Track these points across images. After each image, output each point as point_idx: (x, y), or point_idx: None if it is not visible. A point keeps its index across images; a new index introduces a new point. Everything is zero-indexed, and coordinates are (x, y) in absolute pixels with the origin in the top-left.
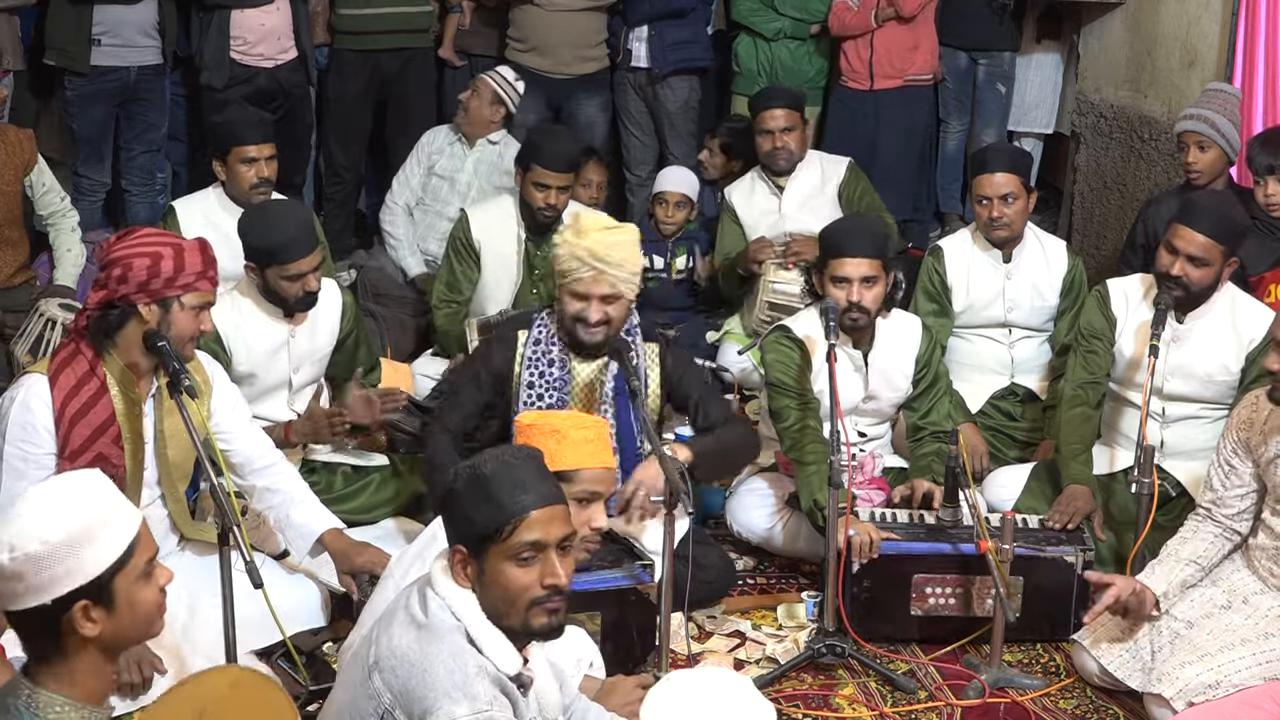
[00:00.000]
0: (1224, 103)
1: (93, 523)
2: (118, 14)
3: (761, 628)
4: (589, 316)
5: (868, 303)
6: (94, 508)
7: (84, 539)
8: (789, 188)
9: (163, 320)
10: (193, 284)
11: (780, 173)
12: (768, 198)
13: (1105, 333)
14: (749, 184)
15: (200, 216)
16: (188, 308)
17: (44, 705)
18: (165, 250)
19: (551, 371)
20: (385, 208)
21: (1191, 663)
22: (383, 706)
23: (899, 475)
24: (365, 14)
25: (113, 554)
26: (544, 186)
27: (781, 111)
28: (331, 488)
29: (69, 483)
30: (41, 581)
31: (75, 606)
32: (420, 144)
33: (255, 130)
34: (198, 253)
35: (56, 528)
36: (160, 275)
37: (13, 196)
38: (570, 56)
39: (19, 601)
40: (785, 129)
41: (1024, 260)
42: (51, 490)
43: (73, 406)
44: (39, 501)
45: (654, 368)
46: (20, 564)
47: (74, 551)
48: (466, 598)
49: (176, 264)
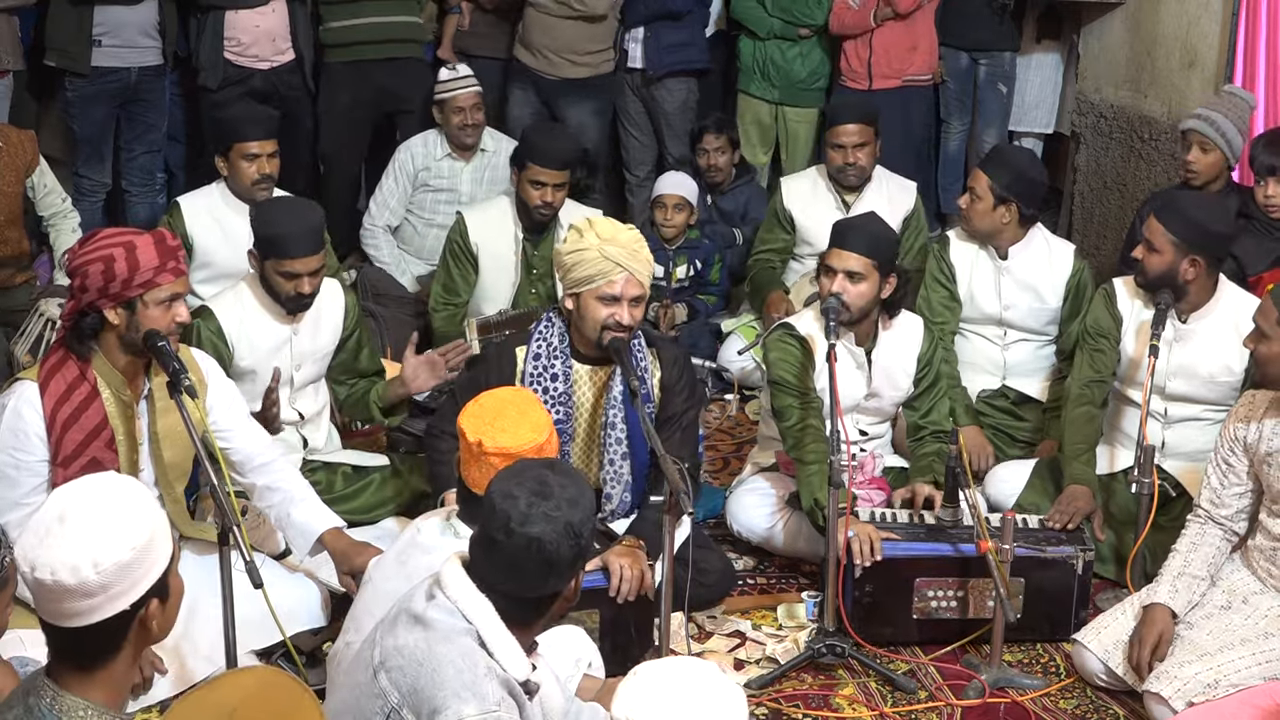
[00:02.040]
0: (1235, 108)
1: (155, 519)
2: (118, 15)
3: (761, 628)
4: (623, 320)
5: (848, 297)
6: (147, 506)
7: (156, 536)
8: (856, 207)
9: (130, 322)
10: (152, 280)
11: (850, 187)
12: (833, 211)
13: (1111, 331)
14: (810, 186)
15: (204, 212)
16: (153, 304)
17: (69, 710)
18: (117, 251)
19: (555, 386)
20: (365, 231)
21: (1191, 662)
22: (389, 706)
23: (899, 475)
24: (351, 25)
25: (169, 546)
26: (540, 184)
27: (855, 127)
28: (332, 488)
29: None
30: (124, 588)
31: (148, 607)
32: (397, 163)
33: (258, 126)
34: (152, 247)
35: (138, 531)
36: (116, 278)
37: (13, 198)
38: (560, 60)
39: (96, 614)
40: (858, 145)
41: (1021, 261)
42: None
43: (64, 412)
44: (101, 513)
45: (654, 373)
46: (109, 574)
47: (150, 550)
48: (480, 600)
49: (130, 264)
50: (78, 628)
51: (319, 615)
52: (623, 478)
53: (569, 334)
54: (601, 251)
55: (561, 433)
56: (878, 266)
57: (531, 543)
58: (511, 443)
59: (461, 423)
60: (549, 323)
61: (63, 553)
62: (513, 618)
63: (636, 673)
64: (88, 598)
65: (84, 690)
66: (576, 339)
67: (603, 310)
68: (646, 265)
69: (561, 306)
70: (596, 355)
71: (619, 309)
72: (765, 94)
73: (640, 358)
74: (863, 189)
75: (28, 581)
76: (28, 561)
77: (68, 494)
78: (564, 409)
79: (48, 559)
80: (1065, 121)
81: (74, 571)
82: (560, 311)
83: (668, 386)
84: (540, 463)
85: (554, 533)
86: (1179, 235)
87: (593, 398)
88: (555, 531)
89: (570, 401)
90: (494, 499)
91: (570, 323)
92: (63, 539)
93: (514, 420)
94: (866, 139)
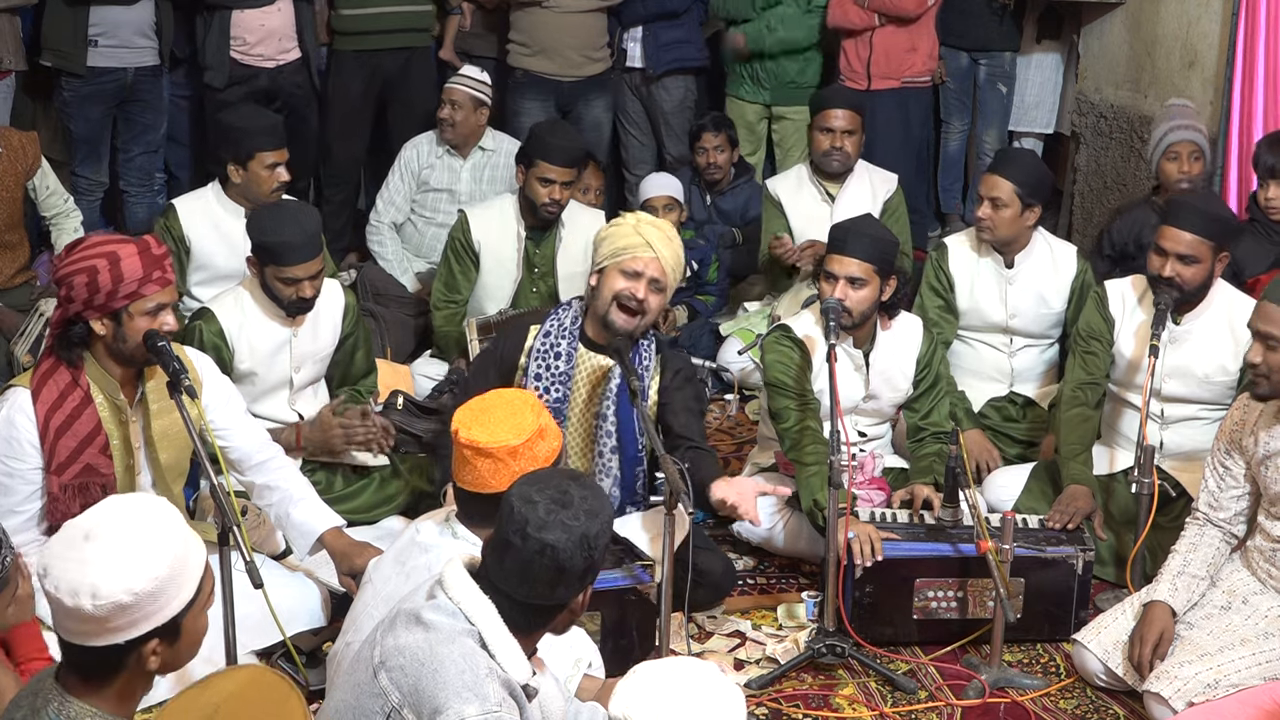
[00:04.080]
0: (1195, 116)
1: (175, 565)
2: (114, 15)
3: (761, 628)
4: (637, 294)
5: (850, 303)
6: (174, 549)
7: (168, 584)
8: (840, 198)
9: (117, 332)
10: (136, 291)
11: (831, 175)
12: (818, 204)
13: (1104, 334)
14: (795, 181)
15: (201, 215)
16: (138, 315)
17: (75, 717)
18: (100, 263)
19: (557, 365)
20: (371, 228)
21: (1191, 662)
22: (390, 705)
23: (899, 475)
24: (364, 14)
25: (189, 594)
26: (548, 181)
27: (844, 112)
28: (332, 488)
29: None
30: (121, 624)
31: (147, 645)
32: (402, 160)
33: (276, 135)
34: (136, 257)
35: (145, 576)
36: (100, 289)
37: (14, 202)
38: (578, 58)
39: (92, 639)
40: (846, 131)
41: (1027, 267)
42: (130, 529)
43: (56, 419)
44: (122, 544)
45: (655, 376)
46: (105, 610)
47: (157, 598)
48: (483, 602)
49: (114, 275)
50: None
51: (319, 615)
52: (611, 471)
53: (583, 319)
54: (637, 228)
55: (558, 413)
56: (878, 270)
57: (545, 549)
58: (483, 438)
59: (456, 411)
60: (567, 306)
61: (72, 574)
62: (515, 623)
63: (635, 672)
64: (82, 623)
65: (90, 698)
66: (589, 325)
67: (621, 281)
68: (675, 258)
69: (585, 287)
70: (605, 344)
71: (637, 285)
72: (756, 97)
73: (647, 361)
74: (845, 179)
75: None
76: (42, 565)
77: (106, 511)
78: (563, 388)
79: (58, 574)
80: (1065, 121)
81: (73, 596)
82: (581, 298)
83: (665, 388)
84: (564, 473)
85: (569, 542)
86: (1208, 235)
87: (590, 385)
88: (570, 541)
89: (569, 382)
90: (513, 502)
91: (588, 308)
92: (79, 559)
93: (498, 418)
94: (855, 127)
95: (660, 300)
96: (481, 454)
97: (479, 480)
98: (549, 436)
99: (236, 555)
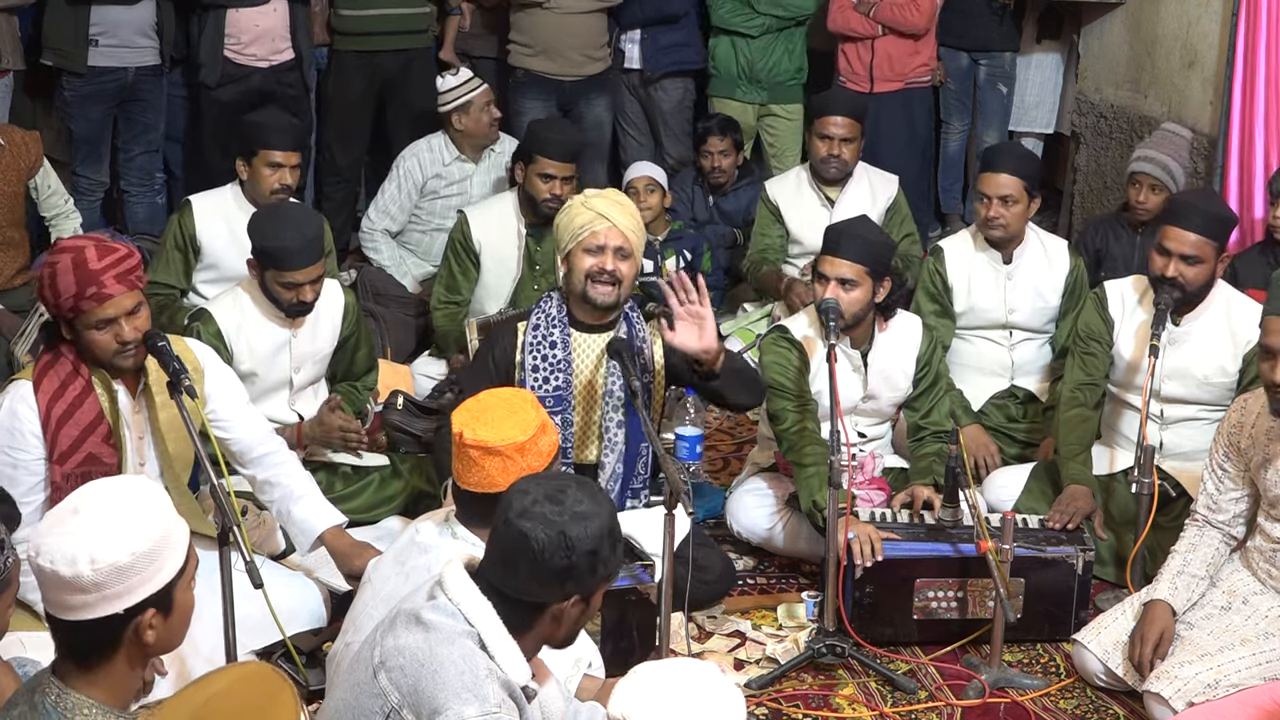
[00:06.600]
0: (1177, 147)
1: (167, 530)
2: (115, 14)
3: (761, 628)
4: (606, 266)
5: (842, 304)
6: (163, 516)
7: (163, 547)
8: (840, 202)
9: (79, 341)
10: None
11: (829, 181)
12: (817, 209)
13: (1103, 334)
14: (794, 184)
15: (216, 213)
16: (86, 329)
17: (73, 707)
18: (45, 272)
19: (554, 353)
20: (364, 234)
21: (1191, 662)
22: (389, 706)
23: (899, 475)
24: (365, 15)
25: (179, 561)
26: (549, 177)
27: (844, 119)
28: (332, 488)
29: (129, 491)
30: (119, 590)
31: (145, 614)
32: (401, 170)
33: (286, 136)
34: (70, 274)
35: (141, 537)
36: (49, 301)
37: (15, 198)
38: (579, 58)
39: (90, 611)
40: (844, 139)
41: (1024, 262)
42: (117, 499)
43: (58, 409)
44: (112, 512)
45: (655, 341)
46: (104, 574)
47: (153, 560)
48: (482, 603)
49: (53, 290)
50: (75, 622)
51: (319, 615)
52: (616, 446)
53: (567, 304)
54: (586, 204)
55: (561, 400)
56: (871, 272)
57: (520, 537)
58: (491, 437)
59: (453, 415)
60: (548, 298)
61: (66, 544)
62: (512, 623)
63: (635, 672)
64: (82, 593)
65: (88, 688)
66: (574, 308)
67: (588, 260)
68: (633, 219)
69: (558, 278)
70: (594, 323)
71: (603, 258)
72: (751, 97)
73: (638, 327)
74: (845, 183)
75: (33, 565)
76: (34, 545)
77: (91, 489)
78: (564, 375)
79: (51, 547)
80: (1065, 121)
81: (71, 564)
82: (559, 289)
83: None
84: (570, 477)
85: (545, 535)
86: (1213, 236)
87: (592, 364)
88: (548, 535)
89: (569, 368)
90: (510, 490)
91: (567, 294)
92: (70, 530)
93: (501, 416)
94: (853, 135)
95: (631, 265)
96: (490, 453)
97: (487, 480)
98: (550, 430)
99: (236, 555)
